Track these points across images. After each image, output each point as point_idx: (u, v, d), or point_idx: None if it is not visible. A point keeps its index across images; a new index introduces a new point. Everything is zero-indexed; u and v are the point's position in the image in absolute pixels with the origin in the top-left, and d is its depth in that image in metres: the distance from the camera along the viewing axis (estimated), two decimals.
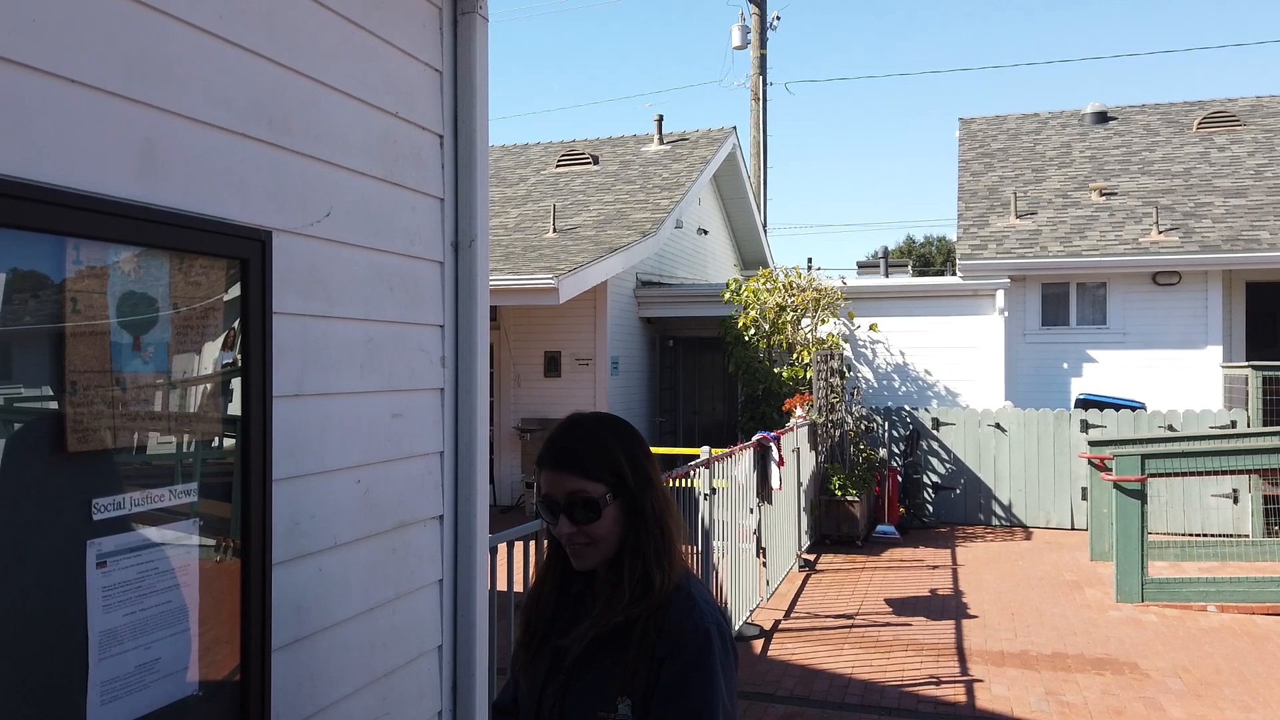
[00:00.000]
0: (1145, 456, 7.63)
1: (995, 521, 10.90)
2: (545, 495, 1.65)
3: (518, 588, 3.38)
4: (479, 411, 2.66)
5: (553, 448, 1.65)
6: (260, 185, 1.92)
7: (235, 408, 1.81)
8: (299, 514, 2.03)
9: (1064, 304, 12.54)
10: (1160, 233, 12.20)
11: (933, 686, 5.70)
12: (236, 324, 1.81)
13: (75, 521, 1.49)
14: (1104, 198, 13.53)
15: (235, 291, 1.81)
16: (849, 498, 9.87)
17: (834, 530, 9.92)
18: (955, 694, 5.57)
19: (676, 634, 1.58)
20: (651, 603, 1.60)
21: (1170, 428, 10.16)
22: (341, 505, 2.18)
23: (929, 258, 38.91)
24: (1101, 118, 16.04)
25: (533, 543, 3.47)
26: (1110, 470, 7.90)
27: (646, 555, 1.63)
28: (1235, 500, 9.91)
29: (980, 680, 5.80)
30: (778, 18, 23.08)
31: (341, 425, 2.18)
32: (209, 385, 1.77)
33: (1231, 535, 9.71)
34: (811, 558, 9.25)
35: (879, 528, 10.32)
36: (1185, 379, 11.94)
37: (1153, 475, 7.65)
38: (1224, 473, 8.05)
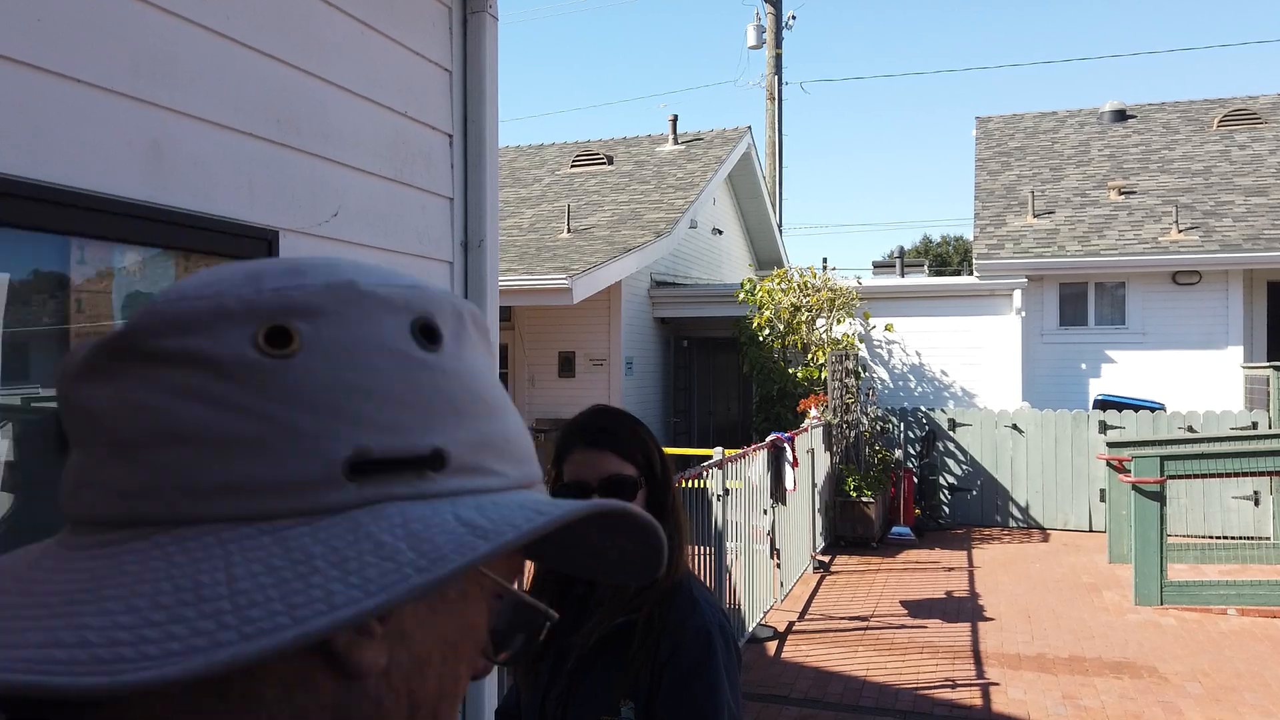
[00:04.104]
0: (1164, 458, 7.55)
1: (1012, 523, 10.81)
2: (574, 479, 1.62)
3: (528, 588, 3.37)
4: None
5: (588, 428, 1.64)
6: (268, 185, 1.92)
7: None
8: None
9: (1082, 304, 12.43)
10: (1180, 232, 12.07)
11: (948, 689, 5.65)
12: None
13: None
14: (1123, 196, 13.41)
15: None
16: (864, 499, 9.82)
17: (849, 531, 9.86)
18: (971, 697, 5.52)
19: (678, 635, 1.57)
20: (657, 590, 1.59)
21: (1190, 429, 10.05)
22: None
23: (945, 257, 38.73)
24: (1120, 116, 15.90)
25: None
26: (1129, 472, 7.83)
27: None
28: (1256, 502, 9.79)
29: (996, 683, 5.75)
30: (793, 17, 23.01)
31: None
32: None
33: (1252, 538, 9.60)
34: (826, 559, 9.20)
35: (894, 529, 10.26)
36: (1205, 379, 11.82)
37: (1172, 477, 7.56)
38: (1244, 474, 7.96)
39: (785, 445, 7.35)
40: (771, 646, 6.47)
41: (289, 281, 0.46)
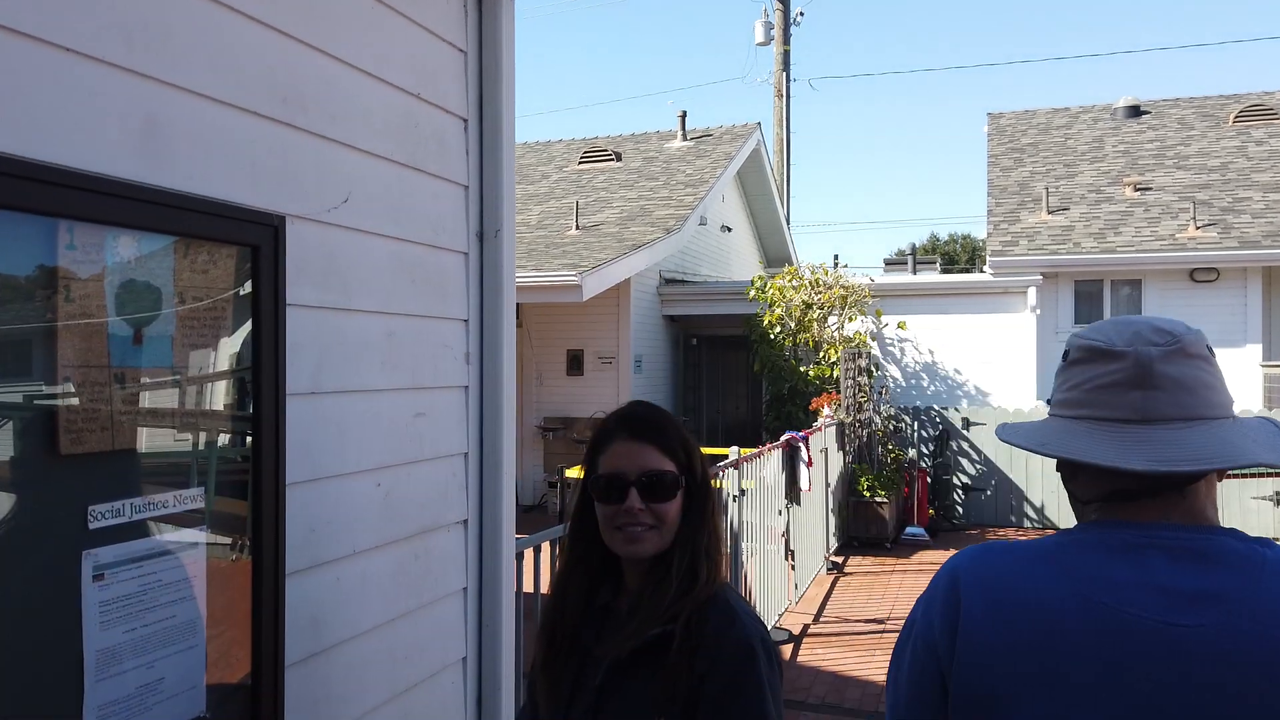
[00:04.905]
0: None
1: (1027, 523, 10.66)
2: (613, 471, 1.52)
3: (544, 591, 3.24)
4: (505, 410, 2.53)
5: (631, 420, 1.57)
6: (272, 167, 1.79)
7: (246, 407, 1.68)
8: (315, 520, 1.90)
9: (1098, 301, 12.25)
10: (1198, 228, 11.90)
11: None
12: (248, 316, 1.68)
13: (70, 530, 1.36)
14: (1138, 193, 13.23)
15: (246, 281, 1.68)
16: (877, 499, 9.68)
17: (862, 532, 9.72)
18: None
19: (717, 648, 1.44)
20: (693, 600, 1.47)
21: None
22: (361, 510, 2.05)
23: (953, 255, 38.47)
24: (1134, 111, 15.71)
25: (561, 546, 3.32)
26: None
27: (698, 547, 1.52)
28: (1276, 502, 9.63)
29: None
30: (801, 14, 22.82)
31: (360, 425, 2.05)
32: (217, 382, 1.64)
33: (1273, 539, 9.44)
34: (839, 560, 9.06)
35: (908, 529, 10.11)
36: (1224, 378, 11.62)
37: None
38: (1265, 474, 7.80)
39: (800, 444, 7.21)
40: (787, 650, 6.33)
41: (1188, 328, 1.15)
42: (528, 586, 3.14)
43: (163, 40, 1.55)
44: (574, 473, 8.30)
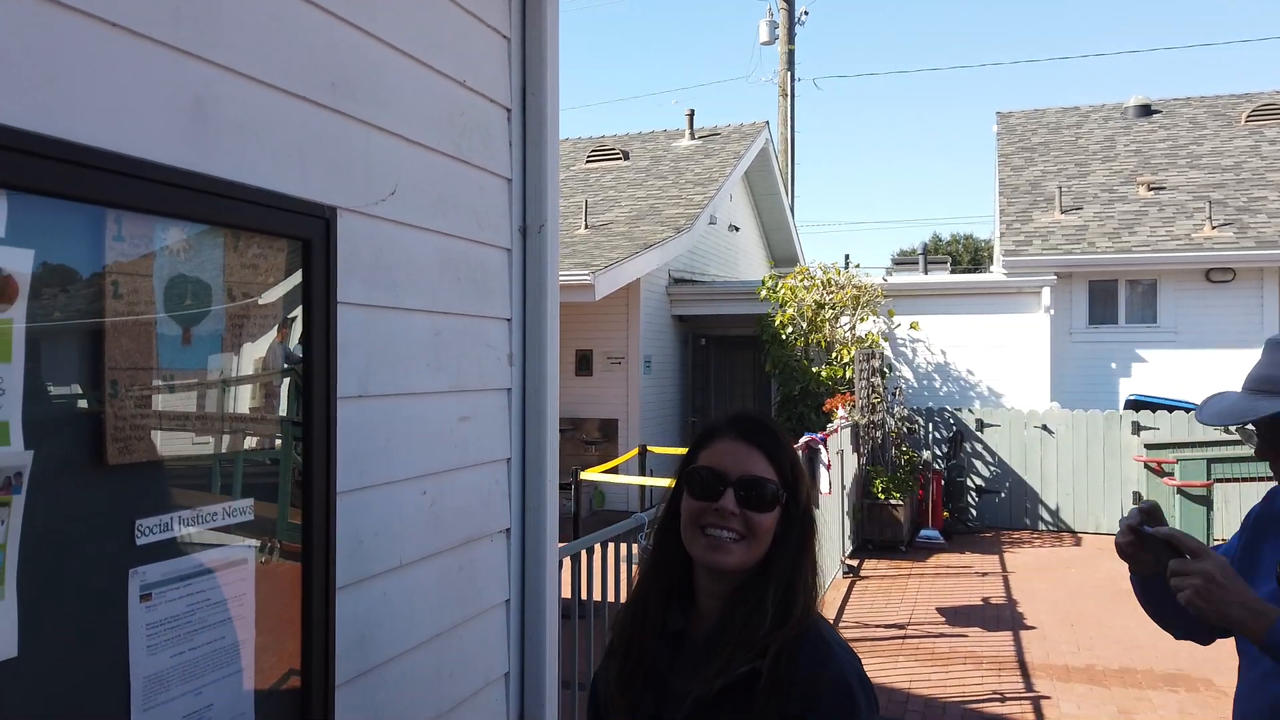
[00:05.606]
0: (1211, 461, 7.29)
1: (1042, 526, 10.54)
2: (714, 466, 1.41)
3: (583, 597, 3.13)
4: (549, 414, 2.41)
5: (743, 420, 1.47)
6: (322, 157, 1.68)
7: (295, 412, 1.57)
8: (362, 531, 1.79)
9: (1112, 302, 12.14)
10: (1213, 228, 11.79)
11: (997, 703, 5.41)
12: (297, 316, 1.57)
13: (115, 547, 1.25)
14: (1152, 192, 13.12)
15: (295, 277, 1.57)
16: (892, 501, 9.57)
17: (877, 535, 9.61)
18: (1022, 712, 5.27)
19: (813, 688, 1.31)
20: (784, 635, 1.35)
21: (1226, 430, 9.77)
22: (407, 520, 1.94)
23: (956, 256, 38.33)
24: (1145, 111, 15.60)
25: (596, 553, 3.21)
26: (1171, 474, 7.57)
27: (795, 579, 1.39)
28: None
29: (1047, 697, 5.50)
30: (806, 13, 22.69)
31: (407, 430, 1.94)
32: (267, 386, 1.53)
33: None
34: (854, 563, 8.95)
35: (922, 532, 10.00)
36: (1239, 379, 11.51)
37: (1219, 480, 7.31)
38: None
39: (820, 447, 7.10)
40: None
41: None
42: (566, 593, 3.03)
43: (211, 18, 1.44)
44: (588, 474, 8.19)
